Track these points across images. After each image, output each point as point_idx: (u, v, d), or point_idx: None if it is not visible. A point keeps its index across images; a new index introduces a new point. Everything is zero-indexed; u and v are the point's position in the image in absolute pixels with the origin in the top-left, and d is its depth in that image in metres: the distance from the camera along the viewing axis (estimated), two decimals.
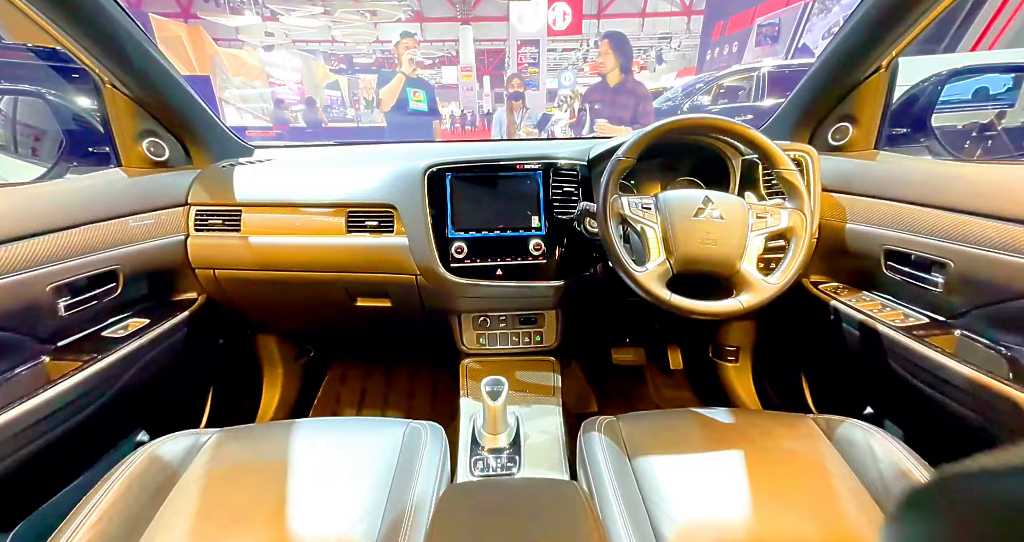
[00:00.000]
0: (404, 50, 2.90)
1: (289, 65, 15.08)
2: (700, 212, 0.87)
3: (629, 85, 2.71)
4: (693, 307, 0.83)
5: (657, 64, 16.91)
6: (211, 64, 11.46)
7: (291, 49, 15.60)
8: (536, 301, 1.17)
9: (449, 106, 17.81)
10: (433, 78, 21.87)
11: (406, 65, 2.86)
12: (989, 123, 1.26)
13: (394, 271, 1.11)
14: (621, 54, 2.64)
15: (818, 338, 1.11)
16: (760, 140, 0.87)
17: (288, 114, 9.05)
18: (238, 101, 11.83)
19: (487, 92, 17.32)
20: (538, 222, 1.09)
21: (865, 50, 0.93)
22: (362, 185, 1.12)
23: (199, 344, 1.15)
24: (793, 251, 0.85)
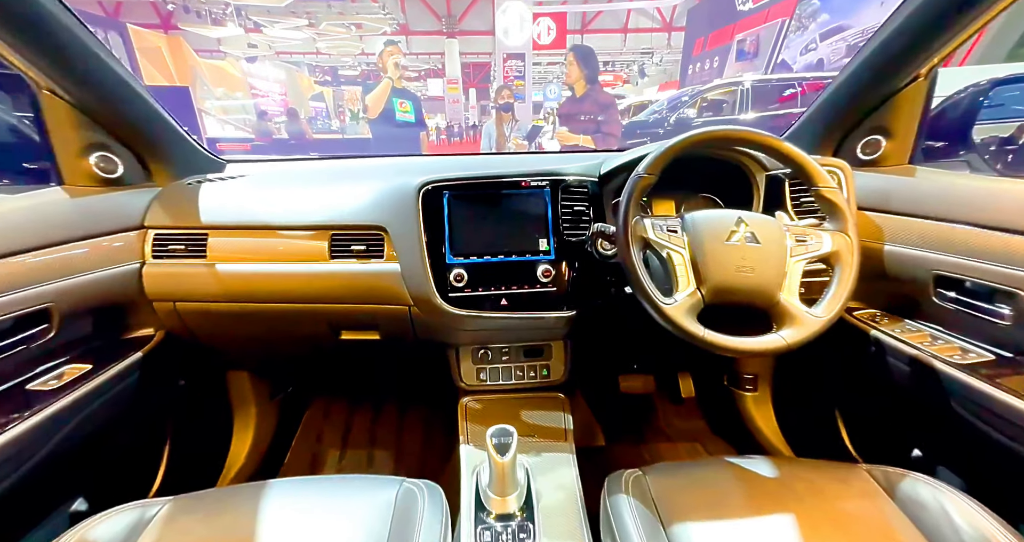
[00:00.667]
0: (389, 57, 2.82)
1: (273, 77, 14.94)
2: (732, 235, 0.77)
3: (593, 95, 2.82)
4: (731, 345, 0.72)
5: (640, 78, 17.25)
6: (192, 75, 11.24)
7: (275, 61, 15.47)
8: (544, 333, 1.05)
9: (435, 118, 17.82)
10: (419, 90, 21.92)
11: (392, 70, 2.78)
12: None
13: (384, 301, 0.98)
14: (586, 66, 2.77)
15: (855, 371, 1.01)
16: (796, 155, 0.78)
17: (271, 126, 8.86)
18: (220, 112, 11.62)
19: (473, 104, 17.41)
20: (546, 245, 0.98)
21: (904, 58, 0.85)
22: (348, 204, 1.00)
23: (155, 388, 1.00)
24: (839, 279, 0.75)
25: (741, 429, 1.40)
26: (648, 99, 9.34)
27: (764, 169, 0.99)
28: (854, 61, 0.92)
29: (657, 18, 15.77)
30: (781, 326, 0.74)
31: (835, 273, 0.76)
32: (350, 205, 0.99)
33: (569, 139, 2.86)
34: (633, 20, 16.00)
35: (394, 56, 2.85)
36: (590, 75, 2.79)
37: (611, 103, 2.90)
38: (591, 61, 2.82)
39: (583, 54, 2.83)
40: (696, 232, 0.78)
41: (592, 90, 2.82)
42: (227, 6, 11.87)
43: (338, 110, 16.17)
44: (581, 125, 2.85)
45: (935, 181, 0.86)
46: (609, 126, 2.83)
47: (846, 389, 1.08)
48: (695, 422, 1.55)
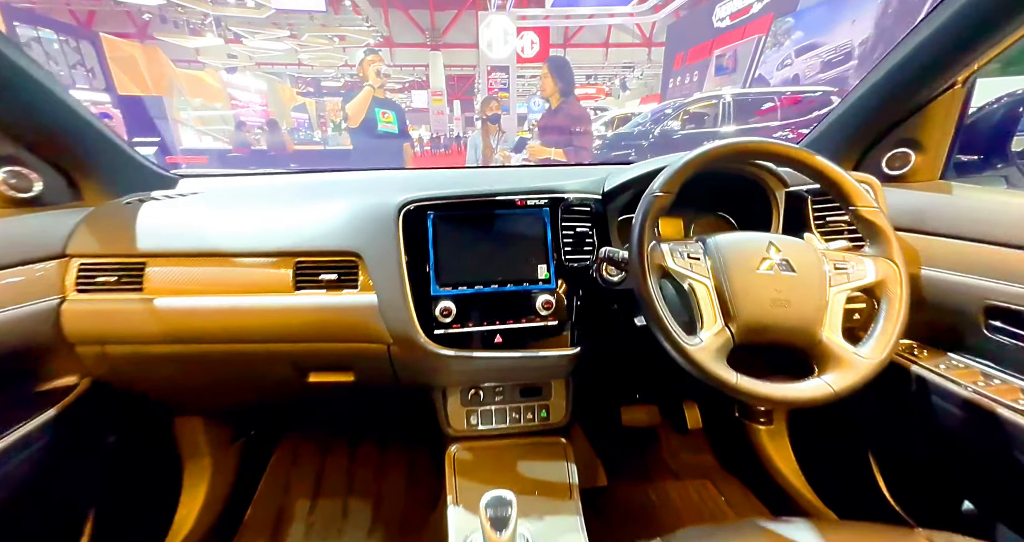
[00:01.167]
0: (370, 65, 2.71)
1: (253, 87, 14.73)
2: (763, 262, 0.67)
3: (566, 108, 2.72)
4: (769, 394, 0.61)
5: (622, 91, 17.58)
6: (168, 85, 10.98)
7: (255, 72, 15.28)
8: (544, 372, 0.93)
9: (419, 130, 17.76)
10: (403, 102, 21.87)
11: (373, 79, 2.66)
12: None
13: (359, 339, 0.84)
14: (560, 78, 2.68)
15: (891, 410, 0.91)
16: (830, 170, 0.69)
17: (250, 137, 8.62)
18: (197, 123, 11.34)
19: (457, 116, 17.46)
20: (546, 272, 0.86)
21: (940, 63, 0.77)
22: (316, 226, 0.86)
23: (77, 448, 0.83)
24: (887, 313, 0.65)
25: (755, 466, 1.28)
26: (631, 112, 9.46)
27: (784, 185, 0.90)
28: (880, 67, 0.84)
29: (637, 33, 16.16)
30: (824, 369, 0.63)
31: (882, 306, 0.66)
32: (319, 227, 0.86)
33: (541, 153, 2.74)
34: (614, 35, 16.36)
35: (375, 64, 2.74)
36: (564, 88, 2.70)
37: (583, 116, 2.78)
38: (565, 73, 2.74)
39: (557, 66, 2.75)
40: (722, 259, 0.67)
41: (565, 102, 2.72)
42: (206, 17, 11.68)
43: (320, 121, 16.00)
44: (555, 138, 2.76)
45: (979, 199, 0.77)
46: (581, 139, 2.73)
47: (881, 430, 0.98)
48: (703, 456, 1.43)
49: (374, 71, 2.70)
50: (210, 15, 11.36)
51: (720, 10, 10.08)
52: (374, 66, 2.68)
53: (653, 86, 16.00)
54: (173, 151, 6.56)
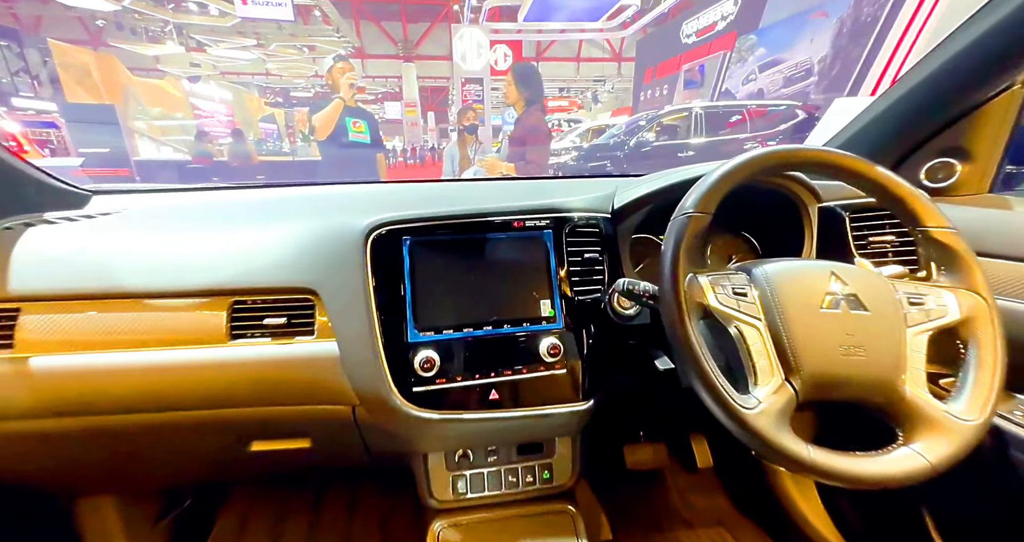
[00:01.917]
0: (340, 75, 2.50)
1: (218, 97, 14.20)
2: (827, 298, 0.53)
3: (525, 118, 2.47)
4: (856, 473, 0.48)
5: (594, 104, 17.94)
6: (122, 94, 10.43)
7: (220, 81, 14.76)
8: (550, 431, 0.77)
9: (392, 141, 17.50)
10: (376, 113, 21.60)
11: (345, 89, 2.46)
12: None
13: (315, 400, 0.66)
14: (524, 86, 2.45)
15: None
16: (895, 184, 0.57)
17: (212, 147, 8.18)
18: (156, 133, 10.77)
19: (431, 127, 17.34)
20: (550, 309, 0.70)
21: (995, 63, 0.67)
22: (260, 256, 0.68)
23: None
24: (979, 359, 0.52)
25: (776, 511, 1.14)
26: (605, 123, 9.59)
27: (817, 200, 0.78)
28: (922, 66, 0.74)
29: (607, 49, 16.58)
30: (912, 434, 0.50)
31: (971, 351, 0.53)
32: (263, 257, 0.68)
33: (496, 166, 2.46)
34: (585, 50, 16.73)
35: (348, 74, 2.54)
36: (530, 96, 2.45)
37: (540, 129, 2.49)
38: (530, 80, 2.50)
39: (521, 72, 2.52)
40: (775, 295, 0.54)
41: (527, 113, 2.47)
42: (166, 24, 11.22)
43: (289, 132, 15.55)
44: (518, 150, 2.51)
45: None
46: (533, 153, 2.44)
47: (940, 482, 0.86)
48: (716, 499, 1.29)
49: (347, 81, 2.50)
50: (170, 23, 10.91)
51: (687, 27, 10.45)
52: (347, 76, 2.49)
53: (624, 99, 16.40)
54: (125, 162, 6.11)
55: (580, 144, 8.40)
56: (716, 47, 9.47)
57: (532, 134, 2.44)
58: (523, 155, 2.43)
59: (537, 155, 2.45)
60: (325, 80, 2.55)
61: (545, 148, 2.56)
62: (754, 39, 8.48)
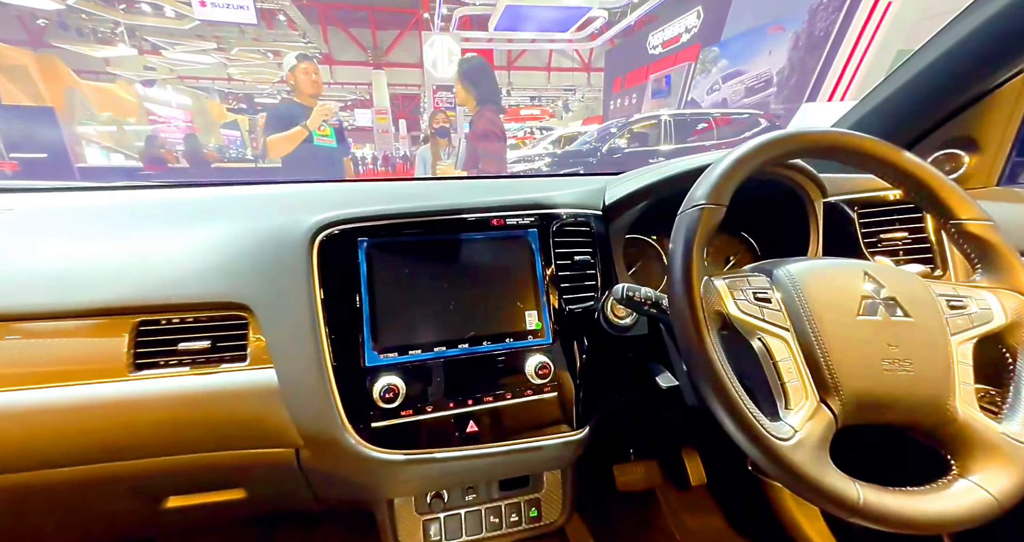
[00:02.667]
0: (304, 75, 2.26)
1: (175, 102, 13.55)
2: (864, 302, 0.46)
3: (476, 119, 2.28)
4: (915, 516, 0.40)
5: (565, 112, 18.19)
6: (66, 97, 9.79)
7: (178, 85, 14.11)
8: (539, 465, 0.66)
9: (363, 149, 17.13)
10: (347, 120, 21.11)
11: (307, 86, 2.23)
12: None
13: (247, 443, 0.53)
14: (471, 84, 2.25)
15: None
16: (927, 173, 0.51)
17: (167, 153, 7.71)
18: (106, 139, 10.13)
19: (403, 135, 17.12)
20: (538, 321, 0.60)
21: (1007, 48, 0.62)
22: (176, 266, 0.55)
23: None
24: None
25: (775, 530, 1.07)
26: (576, 131, 9.68)
27: (823, 194, 0.72)
28: (926, 52, 0.69)
29: (577, 59, 16.91)
30: (968, 463, 0.43)
31: (1021, 360, 0.46)
32: (180, 267, 0.54)
33: (449, 172, 2.35)
34: (555, 60, 17.00)
35: (311, 74, 2.30)
36: (480, 96, 2.24)
37: (490, 132, 2.25)
38: (478, 78, 2.26)
39: (467, 70, 2.27)
40: (805, 299, 0.46)
41: (478, 114, 2.22)
42: (116, 25, 10.62)
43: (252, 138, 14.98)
44: (471, 156, 2.32)
45: None
46: (488, 158, 2.23)
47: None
48: (711, 518, 1.21)
49: (308, 80, 2.30)
50: (121, 24, 10.34)
51: (653, 38, 10.77)
52: (311, 79, 2.26)
53: (594, 108, 16.72)
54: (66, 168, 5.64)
55: (553, 151, 8.44)
56: (681, 58, 9.79)
57: (484, 138, 2.26)
58: (476, 160, 2.25)
59: (491, 159, 2.27)
60: (288, 79, 2.29)
61: (500, 150, 2.34)
62: (717, 51, 8.81)
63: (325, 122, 2.28)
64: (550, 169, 7.50)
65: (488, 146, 2.25)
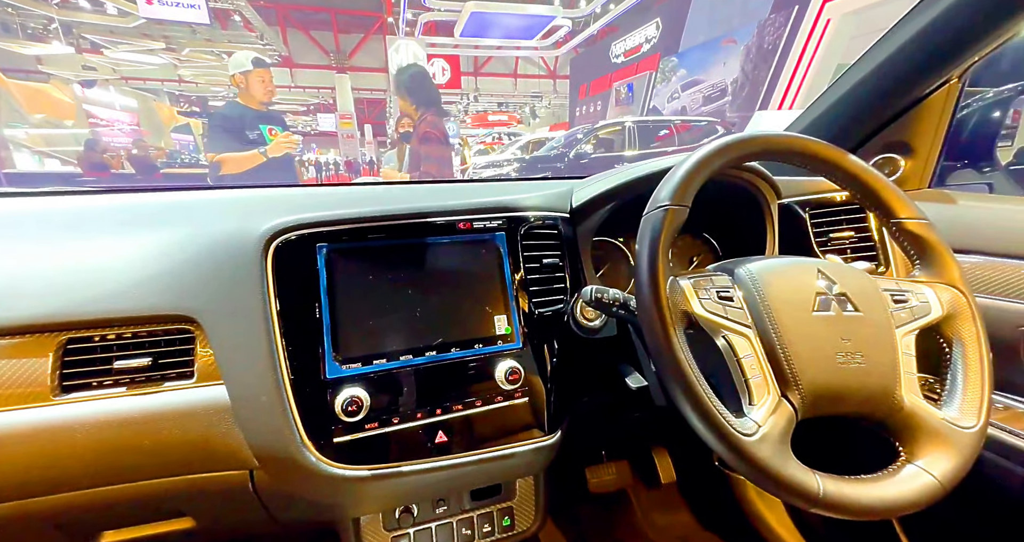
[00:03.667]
0: (257, 82, 2.06)
1: (119, 104, 12.73)
2: (818, 298, 0.48)
3: (418, 124, 2.24)
4: (870, 502, 0.42)
5: (532, 119, 18.43)
6: None
7: (122, 87, 13.27)
8: (511, 472, 0.65)
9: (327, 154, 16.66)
10: (309, 125, 20.45)
11: (258, 92, 2.05)
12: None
13: (195, 468, 0.48)
14: (408, 94, 2.21)
15: None
16: (869, 175, 0.54)
17: (110, 158, 7.20)
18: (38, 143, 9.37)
19: (369, 140, 16.78)
20: (507, 326, 0.59)
21: (935, 57, 0.68)
22: (111, 277, 0.50)
23: None
24: (966, 359, 0.49)
25: (741, 524, 1.10)
26: (544, 136, 9.81)
27: (778, 196, 0.75)
28: (865, 61, 0.74)
29: (543, 66, 17.19)
30: (915, 449, 0.45)
31: (956, 349, 0.50)
32: (116, 278, 0.50)
33: (392, 178, 2.30)
34: (522, 67, 17.23)
35: (266, 81, 2.10)
36: (418, 101, 2.18)
37: (430, 135, 2.17)
38: (414, 86, 2.20)
39: (401, 80, 2.21)
40: (765, 297, 0.47)
41: (420, 118, 2.19)
42: (50, 21, 9.88)
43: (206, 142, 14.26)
44: (415, 160, 2.27)
45: (996, 209, 0.68)
46: (430, 162, 2.17)
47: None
48: (680, 515, 1.23)
49: (263, 87, 2.08)
50: (55, 20, 9.63)
51: (615, 48, 11.12)
52: (263, 82, 2.06)
53: (560, 115, 17.04)
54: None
55: (522, 156, 8.51)
56: (642, 67, 10.15)
57: (426, 141, 2.20)
58: (418, 165, 2.20)
59: (433, 162, 2.20)
60: (238, 82, 2.07)
61: (443, 153, 2.27)
62: (675, 61, 9.19)
63: (278, 129, 2.15)
64: (519, 174, 7.56)
65: (430, 149, 2.21)
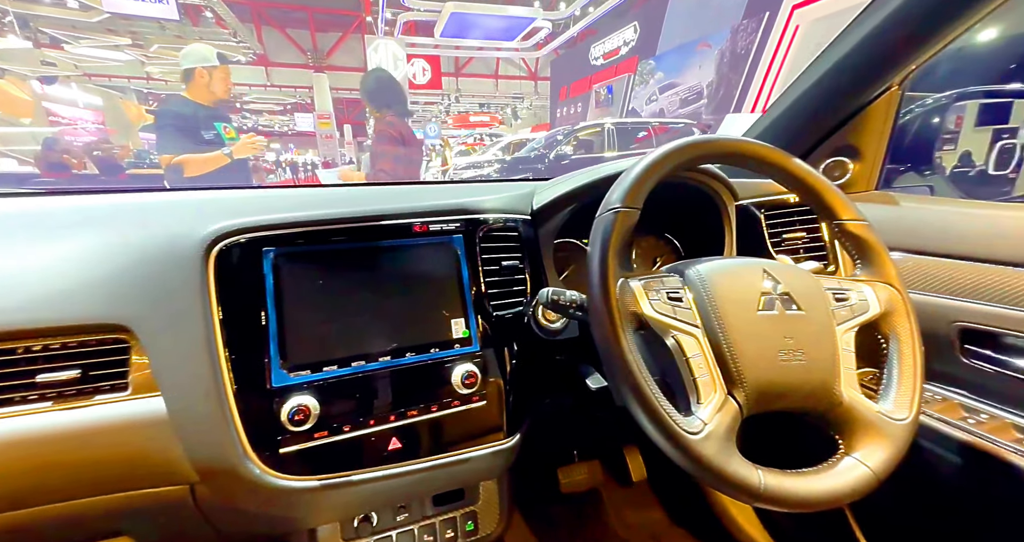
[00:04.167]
0: (219, 80, 1.94)
1: (83, 102, 12.20)
2: (763, 298, 0.49)
3: (376, 124, 2.24)
4: (807, 495, 0.43)
5: (514, 120, 18.47)
6: None
7: (86, 84, 12.73)
8: (471, 476, 0.64)
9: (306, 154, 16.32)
10: (286, 125, 19.99)
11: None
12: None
13: (130, 484, 0.46)
14: (372, 99, 2.22)
15: None
16: (812, 177, 0.56)
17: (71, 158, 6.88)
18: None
19: (349, 140, 16.52)
20: (464, 329, 0.59)
21: (876, 66, 0.70)
22: (36, 284, 0.48)
23: None
24: (900, 353, 0.51)
25: (710, 520, 1.12)
26: (525, 138, 9.85)
27: (735, 198, 0.77)
28: (814, 69, 0.76)
29: (524, 68, 17.25)
30: (852, 441, 0.47)
31: (892, 345, 0.52)
32: (38, 285, 0.47)
33: (350, 177, 2.30)
34: (503, 68, 17.25)
35: (225, 80, 1.97)
36: (379, 104, 2.18)
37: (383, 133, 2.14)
38: (376, 90, 2.21)
39: (366, 87, 2.22)
40: (710, 298, 0.48)
41: (379, 119, 2.19)
42: (4, 14, 9.41)
43: None
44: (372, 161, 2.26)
45: (935, 210, 0.71)
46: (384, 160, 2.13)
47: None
48: (651, 512, 1.25)
49: (223, 86, 1.95)
50: (10, 13, 9.16)
51: (594, 50, 11.25)
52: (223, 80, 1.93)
53: (542, 116, 17.12)
54: None
55: (503, 157, 8.52)
56: (621, 70, 10.30)
57: (380, 140, 2.18)
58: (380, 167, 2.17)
59: (388, 162, 2.17)
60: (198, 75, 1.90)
61: (398, 153, 2.21)
62: (653, 64, 9.35)
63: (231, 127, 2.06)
64: (500, 175, 7.56)
65: (385, 148, 2.16)
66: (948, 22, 0.62)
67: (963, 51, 1.61)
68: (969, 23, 0.62)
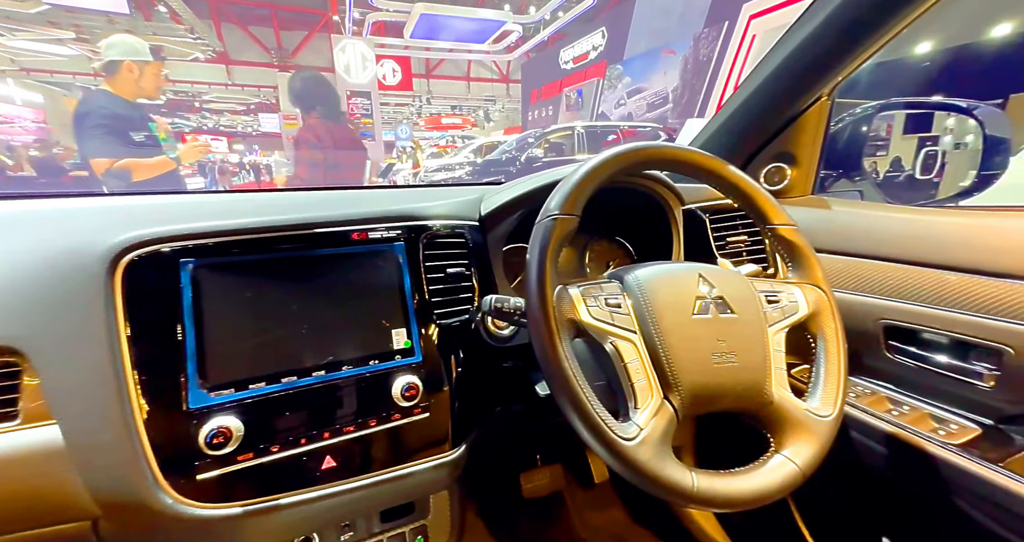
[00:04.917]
0: (152, 75, 1.80)
1: (20, 99, 11.39)
2: (698, 302, 0.50)
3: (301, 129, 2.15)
4: (737, 494, 0.45)
5: (487, 122, 18.48)
6: None
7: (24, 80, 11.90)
8: (416, 490, 0.62)
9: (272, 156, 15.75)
10: (250, 126, 19.25)
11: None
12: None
13: (23, 524, 0.42)
14: (297, 99, 2.12)
15: None
16: (746, 184, 0.57)
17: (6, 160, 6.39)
18: None
19: None
20: (406, 339, 0.57)
21: (808, 75, 0.73)
22: None
23: None
24: (826, 353, 0.53)
25: (669, 518, 1.14)
26: (497, 140, 9.86)
27: (681, 202, 0.78)
28: (751, 80, 0.79)
29: (495, 70, 17.29)
30: (782, 439, 0.48)
31: (819, 345, 0.53)
32: None
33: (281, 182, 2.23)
34: (474, 70, 17.23)
35: (159, 76, 1.85)
36: (304, 106, 2.07)
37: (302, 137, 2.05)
38: (303, 92, 2.10)
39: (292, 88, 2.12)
40: (648, 304, 0.48)
41: (303, 121, 2.11)
42: None
43: None
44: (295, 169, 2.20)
45: (863, 214, 0.74)
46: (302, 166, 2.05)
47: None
48: (613, 512, 1.26)
49: (155, 82, 1.81)
50: None
51: (564, 54, 11.40)
52: (157, 76, 1.80)
53: (514, 119, 17.20)
54: None
55: (475, 159, 8.49)
56: (591, 74, 10.47)
57: (299, 146, 2.09)
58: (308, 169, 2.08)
59: (303, 168, 2.07)
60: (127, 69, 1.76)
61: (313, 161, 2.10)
62: (621, 68, 9.55)
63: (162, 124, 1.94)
64: (472, 177, 7.53)
65: (301, 154, 2.09)
66: (868, 35, 0.65)
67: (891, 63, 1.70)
68: (889, 36, 0.66)
